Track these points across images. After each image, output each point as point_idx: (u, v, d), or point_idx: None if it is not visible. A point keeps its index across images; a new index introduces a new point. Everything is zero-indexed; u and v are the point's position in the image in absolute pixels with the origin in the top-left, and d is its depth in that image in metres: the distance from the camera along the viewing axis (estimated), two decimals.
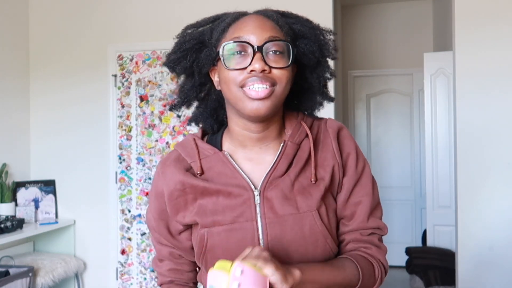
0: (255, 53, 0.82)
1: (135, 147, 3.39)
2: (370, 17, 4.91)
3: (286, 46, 0.85)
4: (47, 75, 3.55)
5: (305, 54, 0.91)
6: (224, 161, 0.91)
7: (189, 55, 0.91)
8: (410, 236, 4.80)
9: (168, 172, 0.94)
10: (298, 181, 0.89)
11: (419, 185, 4.77)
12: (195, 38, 0.91)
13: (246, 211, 0.88)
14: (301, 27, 0.91)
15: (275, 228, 0.87)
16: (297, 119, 0.96)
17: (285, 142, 0.91)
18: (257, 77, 0.82)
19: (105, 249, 3.42)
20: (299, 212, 0.88)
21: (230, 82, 0.85)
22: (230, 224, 0.88)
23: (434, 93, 3.58)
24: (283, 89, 0.86)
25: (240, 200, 0.88)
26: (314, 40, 0.91)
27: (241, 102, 0.85)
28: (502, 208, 2.71)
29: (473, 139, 2.75)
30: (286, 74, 0.85)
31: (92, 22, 3.49)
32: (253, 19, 0.86)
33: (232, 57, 0.84)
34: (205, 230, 0.89)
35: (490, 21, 2.74)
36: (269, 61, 0.83)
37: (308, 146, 0.92)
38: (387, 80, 4.92)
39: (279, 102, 0.87)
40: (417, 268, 3.42)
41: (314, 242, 0.88)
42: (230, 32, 0.86)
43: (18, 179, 3.38)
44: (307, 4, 3.07)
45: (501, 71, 2.72)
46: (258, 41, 0.83)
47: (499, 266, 2.69)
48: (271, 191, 0.88)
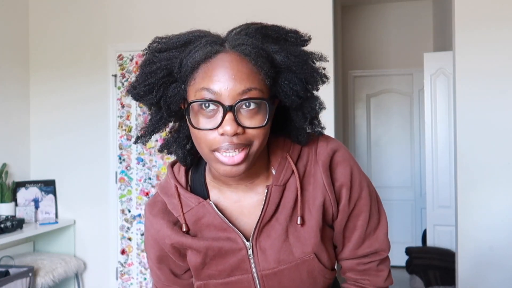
0: (225, 113, 0.73)
1: (135, 147, 3.39)
2: (370, 17, 4.91)
3: (265, 104, 0.75)
4: (47, 76, 3.55)
5: (287, 95, 0.80)
6: (210, 212, 0.84)
7: (155, 90, 0.80)
8: (410, 236, 4.80)
9: (157, 225, 0.88)
10: (290, 226, 0.85)
11: (419, 185, 4.77)
12: (162, 67, 0.78)
13: (240, 265, 0.85)
14: (285, 57, 0.78)
15: (271, 279, 0.86)
16: (282, 151, 0.87)
17: (268, 188, 0.84)
18: (229, 143, 0.74)
19: (105, 249, 3.42)
20: (295, 259, 0.85)
21: (201, 141, 0.76)
22: (226, 278, 0.86)
23: (434, 93, 3.58)
24: (259, 146, 0.77)
25: (232, 254, 0.84)
26: (299, 72, 0.79)
27: (214, 163, 0.78)
28: (502, 208, 2.70)
29: (473, 139, 2.75)
30: (263, 132, 0.77)
31: (92, 22, 3.49)
32: (226, 64, 0.74)
33: (201, 110, 0.75)
34: (201, 283, 0.88)
35: (490, 21, 2.74)
36: (242, 119, 0.74)
37: (295, 185, 0.85)
38: (387, 80, 4.92)
39: (255, 158, 0.79)
40: (417, 268, 3.42)
41: (313, 283, 0.88)
42: (199, 74, 0.75)
43: (18, 179, 3.38)
44: (307, 4, 3.07)
45: (501, 71, 2.72)
46: (229, 97, 0.73)
47: (499, 266, 2.69)
48: (264, 241, 0.85)
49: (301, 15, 3.11)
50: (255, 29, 0.79)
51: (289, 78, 0.79)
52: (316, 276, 0.87)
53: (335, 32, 3.48)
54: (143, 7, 3.42)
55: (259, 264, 0.85)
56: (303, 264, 0.85)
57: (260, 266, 0.85)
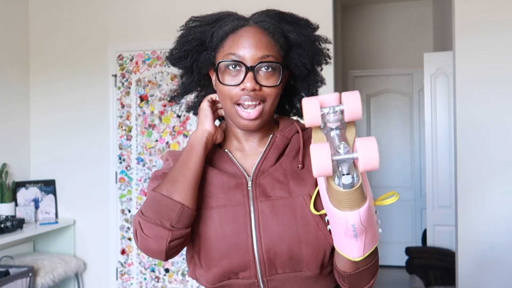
0: (247, 72, 0.89)
1: (135, 147, 3.39)
2: (370, 17, 4.91)
3: (279, 67, 0.91)
4: (47, 76, 3.55)
5: (297, 66, 0.97)
6: (224, 157, 0.98)
7: (190, 56, 0.97)
8: (410, 236, 4.80)
9: (175, 154, 1.02)
10: (291, 168, 0.94)
11: (419, 185, 4.77)
12: (197, 38, 0.96)
13: (238, 194, 0.92)
14: (297, 36, 0.96)
15: (266, 210, 0.89)
16: (290, 121, 1.02)
17: (274, 134, 0.98)
18: (248, 95, 0.89)
19: (105, 249, 3.42)
20: (291, 196, 0.90)
21: (225, 96, 0.92)
22: (222, 207, 0.91)
23: (434, 93, 3.58)
24: (271, 104, 0.93)
25: (233, 184, 0.93)
26: (308, 49, 0.97)
27: (234, 117, 0.93)
28: (502, 208, 2.70)
29: (473, 139, 2.75)
30: (276, 91, 0.92)
31: (92, 22, 3.49)
32: (250, 34, 0.91)
33: (227, 70, 0.91)
34: (199, 212, 0.92)
35: (490, 21, 2.74)
36: (260, 79, 0.90)
37: (299, 140, 0.97)
38: (387, 80, 4.92)
39: (268, 117, 0.94)
40: (417, 268, 3.43)
41: (305, 226, 0.88)
42: (227, 42, 0.92)
43: (18, 179, 3.38)
44: (307, 4, 3.07)
45: (501, 71, 2.72)
46: (251, 60, 0.89)
47: (499, 266, 2.69)
48: (264, 179, 0.93)
49: (301, 15, 3.10)
50: (274, 13, 0.97)
51: (299, 53, 0.96)
52: (309, 220, 0.88)
53: (335, 32, 3.48)
54: (143, 7, 3.42)
55: (257, 196, 0.91)
56: (297, 201, 0.89)
57: (257, 198, 0.91)
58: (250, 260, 0.88)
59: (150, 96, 3.37)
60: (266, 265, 0.88)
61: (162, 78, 3.35)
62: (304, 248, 0.87)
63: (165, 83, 3.35)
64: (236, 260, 0.88)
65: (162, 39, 3.18)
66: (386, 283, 4.30)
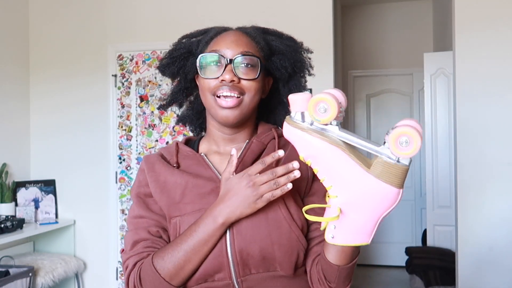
0: (227, 65, 0.93)
1: (135, 147, 3.39)
2: (370, 17, 4.91)
3: (257, 61, 0.95)
4: (47, 76, 3.55)
5: (278, 69, 1.02)
6: (199, 160, 1.00)
7: (177, 62, 1.03)
8: (410, 236, 4.81)
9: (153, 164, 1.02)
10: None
11: (419, 185, 4.77)
12: (185, 47, 1.03)
13: (213, 199, 0.92)
14: (279, 44, 1.02)
15: None
16: (269, 128, 1.05)
17: (250, 139, 1.01)
18: (226, 86, 0.93)
19: (105, 249, 3.42)
20: None
21: (205, 89, 0.96)
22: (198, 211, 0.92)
23: (434, 93, 3.58)
24: (251, 98, 0.96)
25: (209, 189, 0.94)
26: (289, 56, 1.02)
27: (213, 109, 0.96)
28: (502, 208, 2.70)
29: (473, 139, 2.75)
30: (255, 85, 0.95)
31: (92, 22, 3.49)
32: (231, 34, 0.97)
33: (208, 66, 0.95)
34: (176, 219, 0.94)
35: (490, 21, 2.74)
36: (239, 73, 0.94)
37: (275, 146, 0.99)
38: (387, 80, 4.92)
39: (248, 111, 0.97)
40: (417, 268, 3.43)
41: (278, 228, 0.89)
42: (211, 45, 0.98)
43: (18, 179, 3.38)
44: (307, 4, 3.07)
45: (501, 71, 2.72)
46: (231, 55, 0.94)
47: (499, 266, 2.69)
48: None
49: (301, 15, 3.11)
50: (258, 27, 1.04)
51: (280, 57, 1.02)
52: (281, 221, 0.89)
53: (335, 32, 3.48)
54: (143, 7, 3.42)
55: None
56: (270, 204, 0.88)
57: None
58: (224, 261, 0.89)
59: (150, 96, 3.38)
60: (239, 266, 0.90)
61: (162, 78, 3.35)
62: (277, 249, 0.89)
63: (165, 83, 3.35)
64: (211, 262, 0.90)
65: (162, 39, 3.18)
66: (386, 283, 4.30)
